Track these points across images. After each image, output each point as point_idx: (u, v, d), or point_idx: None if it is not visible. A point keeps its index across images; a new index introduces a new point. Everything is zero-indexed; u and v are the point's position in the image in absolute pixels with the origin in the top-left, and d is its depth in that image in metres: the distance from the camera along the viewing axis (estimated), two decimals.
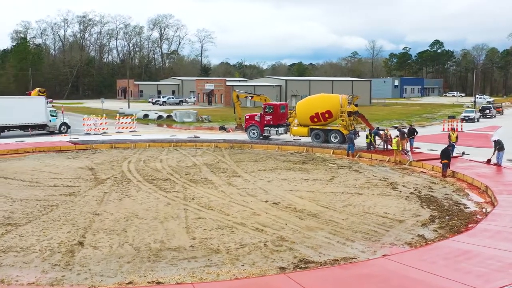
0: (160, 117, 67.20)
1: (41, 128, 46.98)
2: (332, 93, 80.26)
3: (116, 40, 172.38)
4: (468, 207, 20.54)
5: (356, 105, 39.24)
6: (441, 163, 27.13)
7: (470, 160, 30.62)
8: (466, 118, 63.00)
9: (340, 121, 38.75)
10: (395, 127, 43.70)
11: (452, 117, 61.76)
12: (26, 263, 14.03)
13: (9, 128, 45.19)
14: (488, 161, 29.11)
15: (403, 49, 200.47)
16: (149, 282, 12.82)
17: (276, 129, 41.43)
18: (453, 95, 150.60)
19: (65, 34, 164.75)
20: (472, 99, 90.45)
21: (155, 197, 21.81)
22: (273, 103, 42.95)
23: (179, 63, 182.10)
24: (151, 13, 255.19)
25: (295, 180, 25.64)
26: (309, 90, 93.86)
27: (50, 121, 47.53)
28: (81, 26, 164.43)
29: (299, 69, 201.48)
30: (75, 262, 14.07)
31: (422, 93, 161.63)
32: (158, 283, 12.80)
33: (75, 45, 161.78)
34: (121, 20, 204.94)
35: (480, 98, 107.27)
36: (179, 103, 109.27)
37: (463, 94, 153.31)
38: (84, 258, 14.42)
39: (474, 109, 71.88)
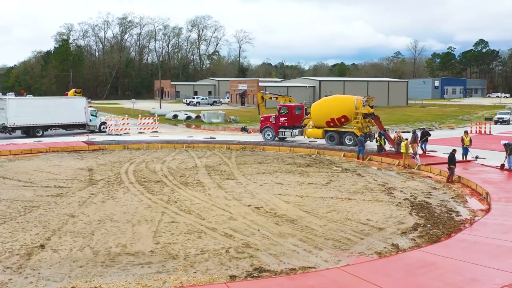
0: (188, 117, 67.43)
1: (81, 127, 48.23)
2: (367, 94, 78.89)
3: (155, 41, 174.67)
4: (460, 215, 19.49)
5: (371, 107, 38.11)
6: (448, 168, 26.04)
7: (482, 164, 29.26)
8: (500, 120, 60.58)
9: (355, 123, 37.74)
10: (422, 129, 42.13)
11: (489, 119, 59.44)
12: None
13: (52, 127, 46.52)
14: (502, 166, 27.76)
15: (448, 48, 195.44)
16: None
17: (290, 130, 40.74)
18: (497, 96, 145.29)
19: (105, 36, 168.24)
20: None
21: (139, 199, 21.60)
22: (288, 104, 42.15)
23: (219, 64, 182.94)
24: (189, 14, 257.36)
25: (289, 184, 24.98)
26: (343, 91, 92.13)
27: (90, 120, 48.79)
28: (121, 28, 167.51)
29: (340, 69, 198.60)
30: (28, 266, 13.98)
31: (465, 94, 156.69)
32: None
33: (115, 46, 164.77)
34: (160, 21, 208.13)
35: None
36: (213, 103, 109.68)
37: (507, 95, 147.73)
38: (39, 261, 14.32)
39: (509, 111, 69.04)
